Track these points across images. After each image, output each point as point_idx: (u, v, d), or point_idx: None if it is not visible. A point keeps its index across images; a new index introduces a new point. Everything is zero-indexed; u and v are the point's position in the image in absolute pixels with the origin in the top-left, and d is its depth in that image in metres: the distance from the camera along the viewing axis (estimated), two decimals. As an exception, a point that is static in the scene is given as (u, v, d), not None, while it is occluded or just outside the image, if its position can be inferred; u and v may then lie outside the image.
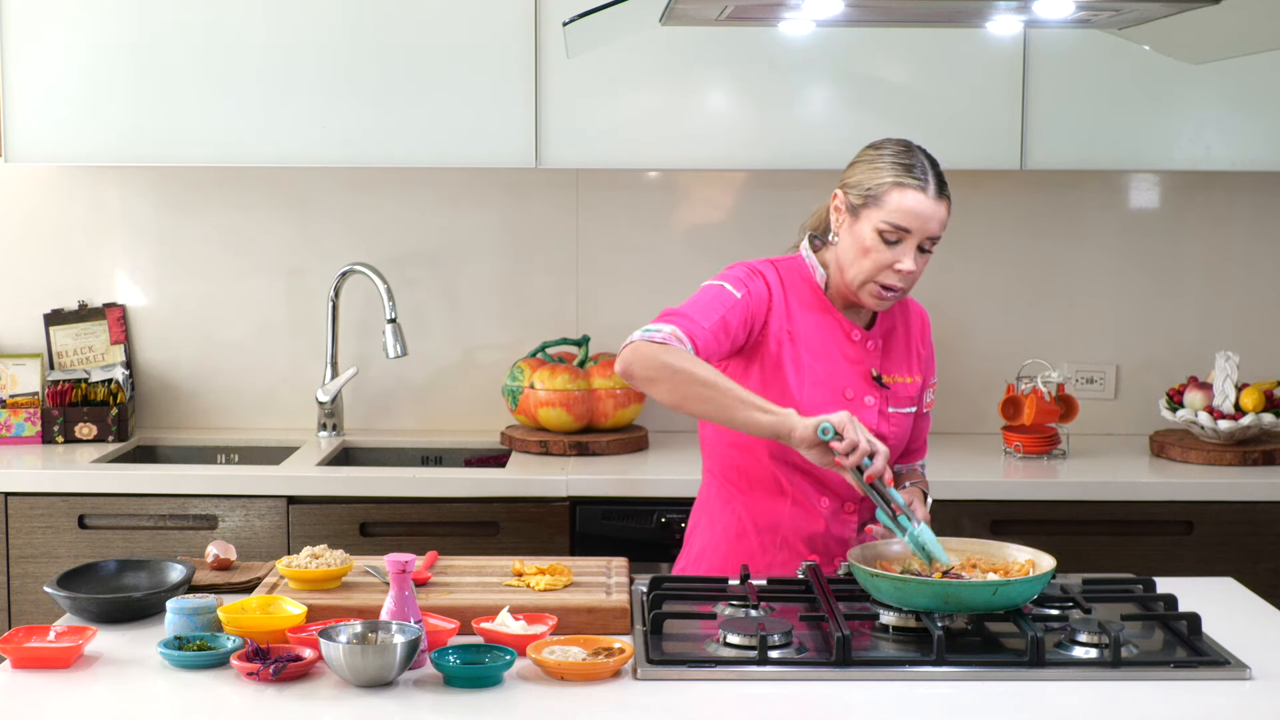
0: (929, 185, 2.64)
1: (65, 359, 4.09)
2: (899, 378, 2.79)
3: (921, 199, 2.63)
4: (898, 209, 2.64)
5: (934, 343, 2.92)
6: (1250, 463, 3.74)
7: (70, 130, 3.76)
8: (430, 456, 4.04)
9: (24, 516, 3.57)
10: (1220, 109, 3.78)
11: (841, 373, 2.75)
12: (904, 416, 2.79)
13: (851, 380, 2.75)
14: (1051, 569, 2.40)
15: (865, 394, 2.75)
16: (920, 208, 2.63)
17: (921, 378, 2.84)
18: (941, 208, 2.66)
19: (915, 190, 2.64)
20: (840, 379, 2.75)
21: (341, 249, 4.11)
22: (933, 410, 2.92)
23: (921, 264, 2.68)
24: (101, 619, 2.45)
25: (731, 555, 2.79)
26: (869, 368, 2.77)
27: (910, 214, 2.64)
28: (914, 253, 2.65)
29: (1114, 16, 2.77)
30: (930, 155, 2.71)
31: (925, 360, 2.86)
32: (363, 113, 3.75)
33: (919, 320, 2.88)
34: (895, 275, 2.66)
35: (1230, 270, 4.16)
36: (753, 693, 2.20)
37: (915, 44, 3.73)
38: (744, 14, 2.91)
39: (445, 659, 2.22)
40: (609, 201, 4.15)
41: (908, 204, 2.64)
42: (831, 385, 2.73)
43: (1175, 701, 2.17)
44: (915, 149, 2.70)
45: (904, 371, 2.81)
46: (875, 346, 2.78)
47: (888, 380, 2.77)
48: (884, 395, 2.77)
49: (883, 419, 2.76)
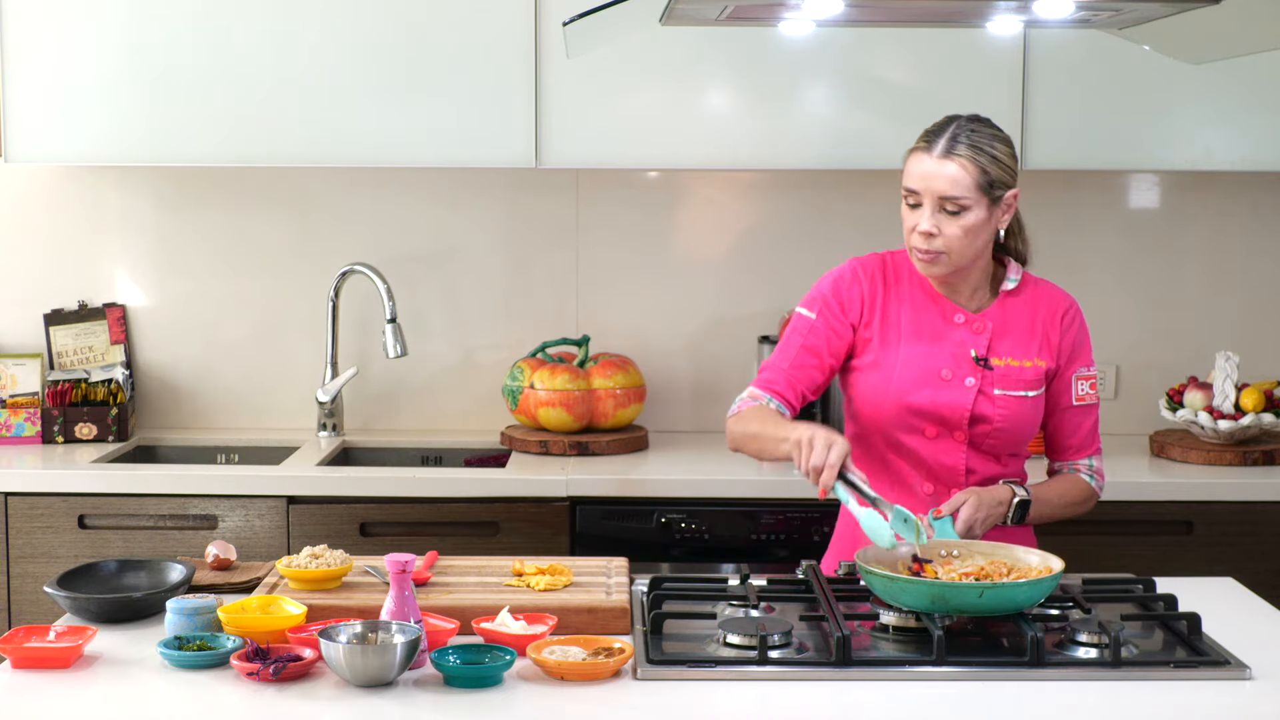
0: (935, 146, 2.69)
1: (65, 359, 4.09)
2: (1011, 360, 2.78)
3: (924, 159, 2.70)
4: (907, 173, 2.73)
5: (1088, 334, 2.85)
6: (1250, 463, 3.74)
7: (70, 130, 3.76)
8: (430, 456, 4.04)
9: (24, 516, 3.57)
10: (1220, 109, 3.78)
11: (940, 355, 2.77)
12: (1015, 400, 2.76)
13: (950, 362, 2.77)
14: (1048, 575, 2.38)
15: (966, 375, 2.76)
16: (922, 168, 2.69)
17: (1046, 363, 2.79)
18: (947, 165, 2.67)
19: (920, 152, 2.71)
20: (937, 361, 2.77)
21: (341, 249, 4.11)
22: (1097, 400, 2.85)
23: (951, 227, 2.68)
24: (101, 619, 2.45)
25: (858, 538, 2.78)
26: (971, 349, 2.78)
27: (914, 175, 2.71)
28: (933, 214, 2.69)
29: (1114, 16, 2.77)
30: (975, 123, 2.71)
31: (1059, 348, 2.80)
32: (363, 113, 3.75)
33: (1057, 307, 2.82)
34: (919, 237, 2.71)
35: (1230, 270, 4.16)
36: (753, 693, 2.20)
37: (915, 44, 3.73)
38: (744, 14, 2.91)
39: (445, 659, 2.22)
40: (609, 201, 4.15)
41: (912, 166, 2.72)
42: (926, 367, 2.76)
43: (1175, 701, 2.17)
44: (952, 118, 2.74)
45: (1020, 355, 2.78)
46: (983, 328, 2.78)
47: (996, 362, 2.77)
48: (988, 377, 2.76)
49: (985, 400, 2.75)
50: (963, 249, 2.71)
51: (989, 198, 2.70)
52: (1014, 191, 2.74)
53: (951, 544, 2.55)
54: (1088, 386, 2.84)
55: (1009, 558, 2.49)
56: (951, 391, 2.75)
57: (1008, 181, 2.72)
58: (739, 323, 4.12)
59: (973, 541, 2.57)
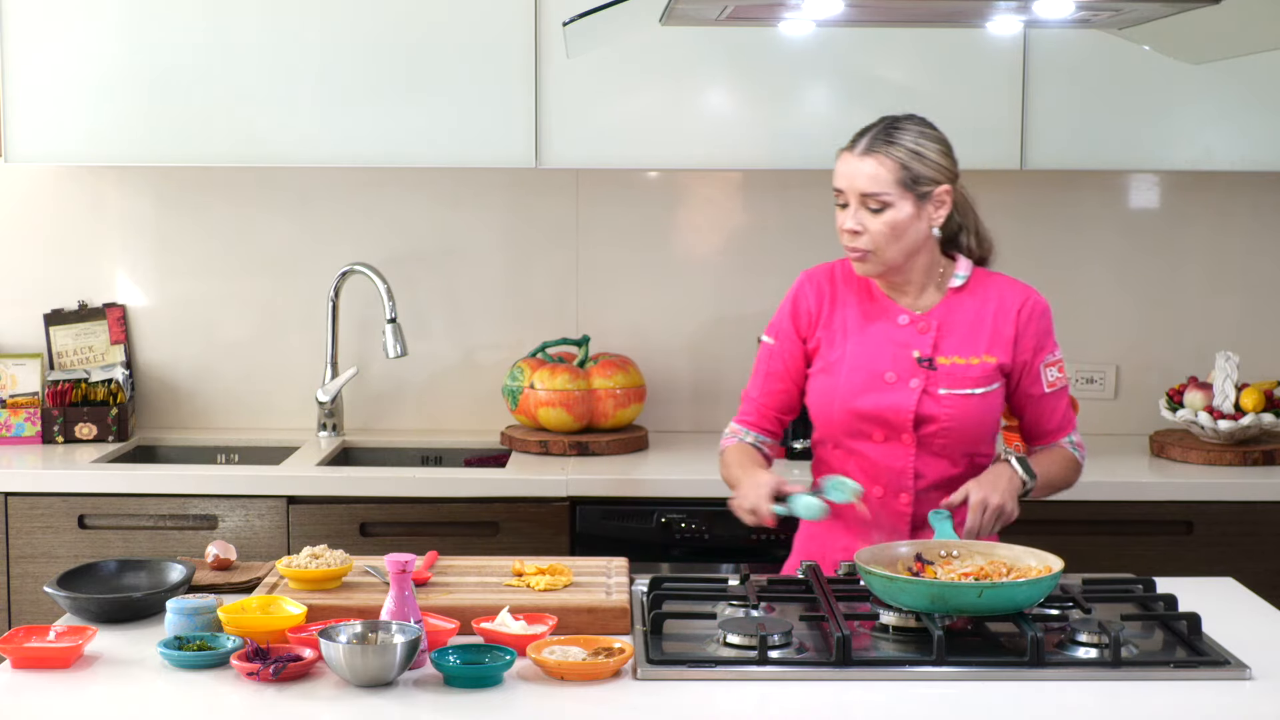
0: (858, 145, 2.75)
1: (65, 359, 4.09)
2: (957, 358, 2.78)
3: (846, 158, 2.76)
4: (835, 173, 2.79)
5: (1051, 320, 2.87)
6: (1250, 463, 3.74)
7: (70, 130, 3.76)
8: (430, 456, 4.04)
9: (24, 516, 3.57)
10: (1220, 109, 3.77)
11: (884, 358, 2.79)
12: (961, 398, 2.76)
13: (894, 364, 2.78)
14: (1047, 574, 2.38)
15: (910, 377, 2.77)
16: (844, 167, 2.75)
17: (998, 359, 2.78)
18: (865, 163, 2.72)
19: (845, 152, 2.77)
20: (881, 364, 2.78)
21: (341, 249, 4.11)
22: (1066, 382, 2.86)
23: (875, 224, 2.71)
24: (101, 619, 2.45)
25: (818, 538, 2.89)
26: (914, 350, 2.78)
27: (839, 174, 2.77)
28: (856, 212, 2.74)
29: (1114, 16, 2.77)
30: (903, 121, 2.75)
31: (1016, 341, 2.80)
32: (363, 113, 3.75)
33: (1011, 301, 2.83)
34: (846, 235, 2.76)
35: (1230, 270, 4.16)
36: (753, 693, 2.20)
37: (915, 44, 3.73)
38: (744, 14, 2.91)
39: (445, 659, 2.22)
40: (609, 201, 4.15)
41: (838, 166, 2.78)
42: (871, 370, 2.78)
43: (1175, 701, 2.17)
44: (884, 118, 2.78)
45: (966, 352, 2.79)
46: (928, 327, 2.79)
47: (942, 361, 2.77)
48: (932, 377, 2.76)
49: (930, 400, 2.76)
50: (888, 245, 2.72)
51: (914, 194, 2.71)
52: (945, 188, 2.74)
53: (951, 544, 2.56)
54: (1056, 372, 2.85)
55: (1009, 558, 2.49)
56: (895, 394, 2.76)
57: (935, 178, 2.73)
58: (739, 323, 4.12)
59: (972, 542, 2.57)
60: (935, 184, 2.73)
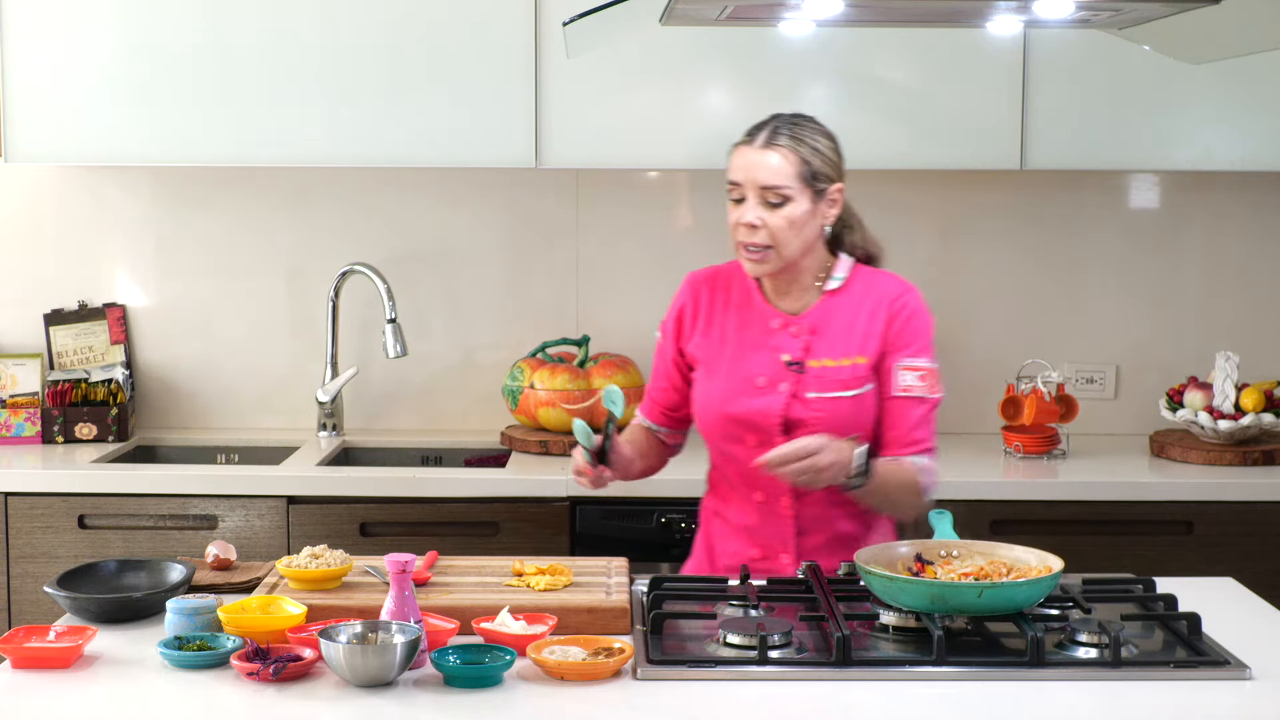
0: (756, 138, 2.73)
1: (65, 359, 4.09)
2: (828, 361, 2.75)
3: (746, 150, 2.73)
4: (730, 166, 2.76)
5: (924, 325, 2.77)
6: (1250, 463, 3.74)
7: (70, 130, 3.76)
8: (430, 456, 4.04)
9: (24, 516, 3.57)
10: (1220, 109, 3.78)
11: (756, 362, 2.78)
12: (830, 401, 2.72)
13: (765, 368, 2.77)
14: (1047, 574, 2.38)
15: (780, 381, 2.75)
16: (744, 158, 2.73)
17: (869, 358, 2.73)
18: (768, 155, 2.70)
19: (742, 146, 2.75)
20: (753, 369, 2.78)
21: (341, 249, 4.11)
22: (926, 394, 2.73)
23: (775, 219, 2.69)
24: (101, 619, 2.45)
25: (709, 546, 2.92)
26: (784, 354, 2.77)
27: (737, 167, 2.74)
28: (755, 206, 2.71)
29: (1114, 16, 2.77)
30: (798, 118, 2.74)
31: (884, 337, 2.74)
32: (363, 113, 3.75)
33: (883, 298, 2.77)
34: (744, 230, 2.73)
35: (1230, 270, 4.16)
36: (753, 693, 2.20)
37: (915, 44, 3.73)
38: (744, 14, 2.91)
39: (445, 659, 2.22)
40: (609, 201, 4.15)
41: (735, 160, 2.75)
42: (743, 375, 2.77)
43: (1175, 701, 2.17)
44: (776, 115, 2.76)
45: (838, 354, 2.75)
46: (800, 331, 2.77)
47: (813, 364, 2.74)
48: (801, 380, 2.74)
49: (799, 404, 2.73)
50: (787, 241, 2.71)
51: (812, 189, 2.71)
52: (838, 186, 2.75)
53: (951, 544, 2.55)
54: (913, 378, 2.73)
55: (1008, 558, 2.49)
56: (765, 398, 2.75)
57: (830, 175, 2.73)
58: (739, 323, 4.11)
59: (972, 541, 2.57)
60: (830, 181, 2.73)
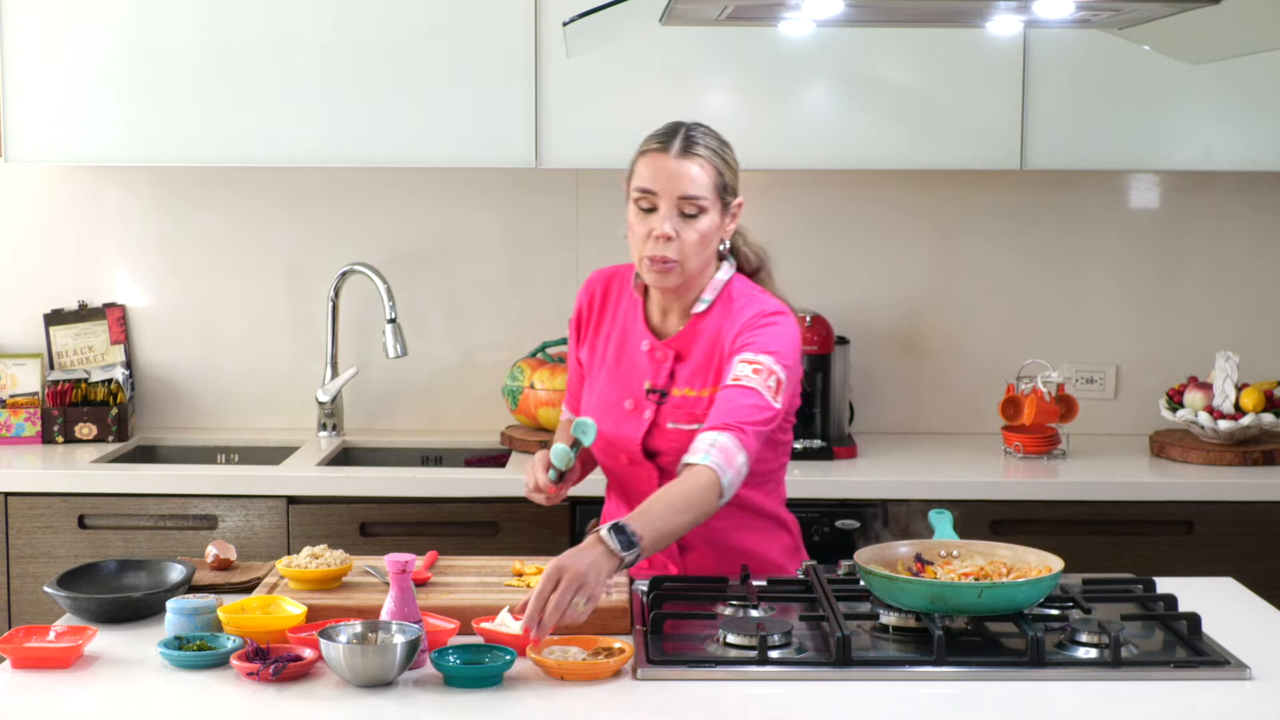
0: (671, 146, 2.62)
1: (65, 359, 4.09)
2: (689, 390, 2.67)
3: (662, 159, 2.62)
4: (641, 174, 2.64)
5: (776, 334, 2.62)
6: (1250, 463, 3.74)
7: (70, 130, 3.76)
8: (430, 456, 4.04)
9: (24, 516, 3.57)
10: (1220, 109, 3.77)
11: (627, 384, 2.73)
12: (687, 434, 2.61)
13: (633, 392, 2.72)
14: (1047, 574, 2.38)
15: (645, 407, 2.70)
16: (660, 166, 2.61)
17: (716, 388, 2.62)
18: (688, 165, 2.61)
19: (655, 153, 2.63)
20: (623, 391, 2.73)
21: (341, 249, 4.11)
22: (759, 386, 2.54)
23: (688, 231, 2.61)
24: (101, 619, 2.45)
25: None
26: (646, 380, 2.71)
27: (652, 176, 2.62)
28: (671, 217, 2.61)
29: (1114, 16, 2.77)
30: (704, 128, 2.67)
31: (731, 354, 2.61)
32: (363, 113, 3.75)
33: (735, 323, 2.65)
34: (656, 243, 2.61)
35: (1230, 270, 4.16)
36: (753, 693, 2.20)
37: (915, 44, 3.73)
38: (744, 14, 2.91)
39: (445, 659, 2.22)
40: (609, 201, 4.14)
41: (647, 168, 2.63)
42: (613, 397, 2.73)
43: (1175, 701, 2.17)
44: (682, 124, 2.67)
45: (698, 384, 2.67)
46: (665, 357, 2.70)
47: (676, 392, 2.68)
48: (662, 409, 2.68)
49: (658, 433, 2.68)
50: (696, 255, 2.63)
51: (722, 202, 2.66)
52: (740, 200, 2.70)
53: (951, 544, 2.55)
54: (748, 370, 2.56)
55: (1008, 557, 2.49)
56: (629, 423, 2.70)
57: (735, 188, 2.68)
58: (739, 323, 4.11)
59: (972, 541, 2.57)
60: (734, 195, 2.68)
